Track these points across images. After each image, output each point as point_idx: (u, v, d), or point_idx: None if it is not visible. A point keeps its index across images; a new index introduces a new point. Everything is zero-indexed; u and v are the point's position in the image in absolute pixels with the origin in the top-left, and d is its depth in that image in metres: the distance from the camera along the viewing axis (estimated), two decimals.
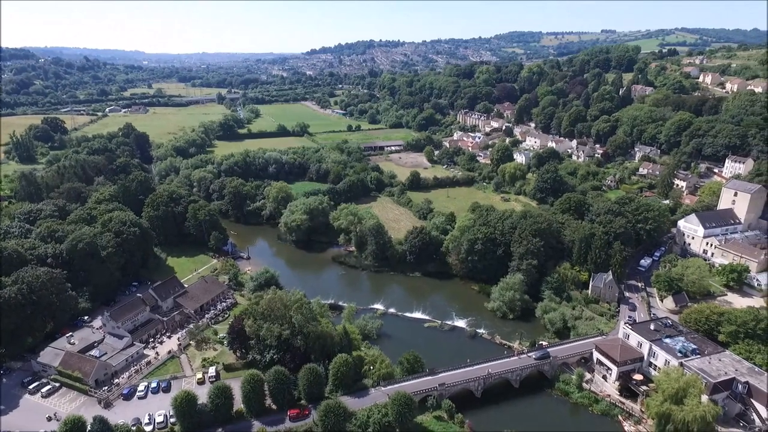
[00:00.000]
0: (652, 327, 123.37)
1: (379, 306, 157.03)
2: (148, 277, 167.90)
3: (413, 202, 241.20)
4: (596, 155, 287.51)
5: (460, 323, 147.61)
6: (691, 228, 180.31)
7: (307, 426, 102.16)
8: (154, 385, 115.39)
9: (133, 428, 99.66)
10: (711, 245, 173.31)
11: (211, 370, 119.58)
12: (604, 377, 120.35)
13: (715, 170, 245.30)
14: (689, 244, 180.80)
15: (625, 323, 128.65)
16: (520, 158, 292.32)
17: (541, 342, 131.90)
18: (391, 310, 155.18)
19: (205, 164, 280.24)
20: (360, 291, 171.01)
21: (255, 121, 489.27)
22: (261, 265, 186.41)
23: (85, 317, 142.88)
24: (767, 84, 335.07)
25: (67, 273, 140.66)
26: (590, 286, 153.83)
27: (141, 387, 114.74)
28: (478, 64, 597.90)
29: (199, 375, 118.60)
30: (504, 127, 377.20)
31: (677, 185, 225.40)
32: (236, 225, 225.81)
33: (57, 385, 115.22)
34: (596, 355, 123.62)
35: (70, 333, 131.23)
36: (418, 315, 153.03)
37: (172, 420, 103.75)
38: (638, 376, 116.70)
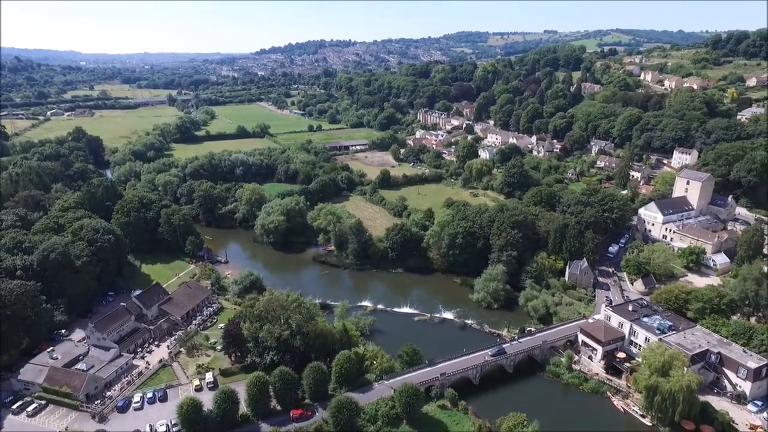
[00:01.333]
0: (630, 308, 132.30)
1: (367, 303, 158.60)
2: (124, 285, 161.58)
3: (386, 200, 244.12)
4: (555, 150, 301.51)
5: (448, 315, 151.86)
6: (650, 215, 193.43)
7: (317, 424, 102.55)
8: (150, 395, 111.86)
9: None
10: (670, 230, 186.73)
11: (209, 376, 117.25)
12: (590, 357, 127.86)
13: (665, 161, 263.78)
14: (650, 231, 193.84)
15: (606, 306, 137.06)
16: (484, 154, 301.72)
17: (529, 329, 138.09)
18: (380, 307, 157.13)
19: (169, 168, 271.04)
20: (345, 289, 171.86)
21: (211, 122, 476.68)
22: (240, 269, 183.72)
23: (63, 331, 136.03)
24: (702, 82, 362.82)
25: (40, 285, 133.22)
26: (567, 273, 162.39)
27: (136, 398, 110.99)
28: (433, 64, 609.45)
29: (197, 382, 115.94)
30: (464, 125, 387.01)
31: (633, 176, 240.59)
32: (208, 229, 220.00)
33: (43, 402, 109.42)
34: (581, 337, 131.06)
35: (51, 348, 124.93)
36: (406, 310, 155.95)
37: (176, 429, 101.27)
38: (621, 354, 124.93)
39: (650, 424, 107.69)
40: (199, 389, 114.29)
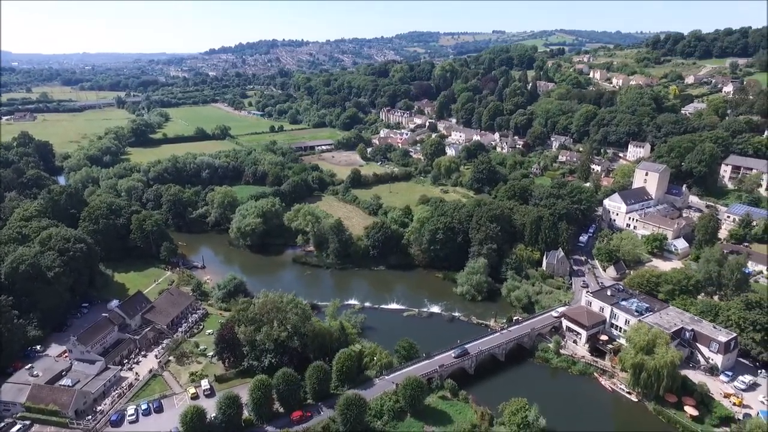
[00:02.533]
0: (609, 293, 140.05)
1: (354, 302, 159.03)
2: (99, 296, 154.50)
3: (360, 199, 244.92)
4: (518, 146, 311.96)
5: (436, 309, 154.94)
6: (615, 205, 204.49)
7: (324, 423, 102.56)
8: (144, 407, 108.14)
9: None
10: (633, 219, 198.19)
11: (204, 384, 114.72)
12: (575, 341, 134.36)
13: (620, 155, 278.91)
14: (614, 220, 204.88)
15: (587, 292, 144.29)
16: (450, 152, 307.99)
17: (517, 318, 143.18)
18: (367, 304, 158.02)
19: (130, 172, 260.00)
20: (329, 289, 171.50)
21: (166, 125, 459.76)
22: (218, 274, 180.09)
23: (38, 347, 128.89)
24: (646, 79, 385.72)
25: (11, 300, 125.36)
26: (544, 263, 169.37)
27: (130, 411, 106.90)
28: (391, 63, 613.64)
29: (192, 390, 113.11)
30: (427, 124, 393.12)
31: (594, 170, 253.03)
32: (179, 234, 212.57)
33: (28, 422, 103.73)
34: (565, 322, 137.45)
35: (29, 365, 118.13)
36: (394, 306, 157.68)
37: None
38: (604, 337, 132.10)
39: (636, 400, 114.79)
40: (195, 397, 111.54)
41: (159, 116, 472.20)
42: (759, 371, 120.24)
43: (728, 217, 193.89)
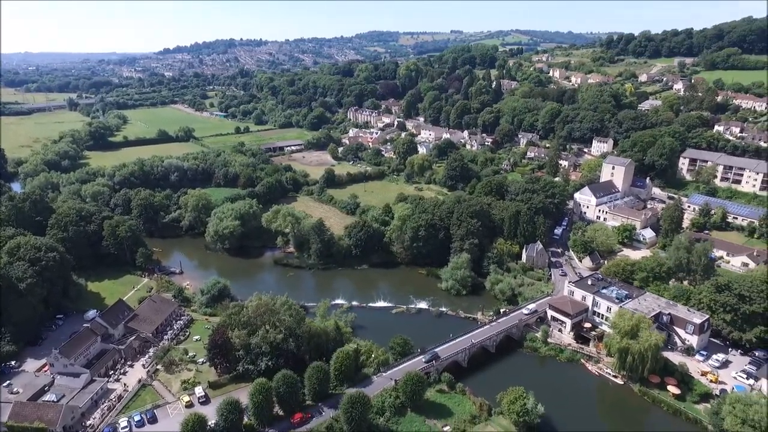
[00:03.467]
0: (589, 282, 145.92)
1: (341, 301, 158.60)
2: (74, 307, 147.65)
3: (336, 199, 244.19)
4: (487, 143, 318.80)
5: (423, 305, 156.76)
6: (585, 199, 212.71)
7: (327, 423, 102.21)
8: (137, 418, 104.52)
9: None
10: (603, 211, 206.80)
11: (198, 391, 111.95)
12: (560, 330, 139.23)
13: (585, 150, 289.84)
14: (585, 213, 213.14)
15: (569, 282, 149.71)
16: (421, 150, 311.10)
17: (504, 310, 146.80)
18: (355, 303, 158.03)
19: (94, 177, 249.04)
20: (314, 289, 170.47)
21: (124, 127, 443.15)
22: (197, 279, 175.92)
23: (12, 362, 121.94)
24: (602, 78, 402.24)
25: None
26: (524, 256, 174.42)
27: (123, 423, 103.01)
28: (356, 63, 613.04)
29: (186, 398, 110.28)
30: (396, 123, 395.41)
31: (562, 165, 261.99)
32: (151, 240, 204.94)
33: None
34: (550, 312, 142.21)
35: (7, 382, 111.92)
36: (381, 304, 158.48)
37: None
38: (587, 324, 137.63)
39: (622, 383, 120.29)
40: (189, 405, 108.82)
41: (117, 119, 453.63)
42: (729, 350, 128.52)
43: (689, 206, 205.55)
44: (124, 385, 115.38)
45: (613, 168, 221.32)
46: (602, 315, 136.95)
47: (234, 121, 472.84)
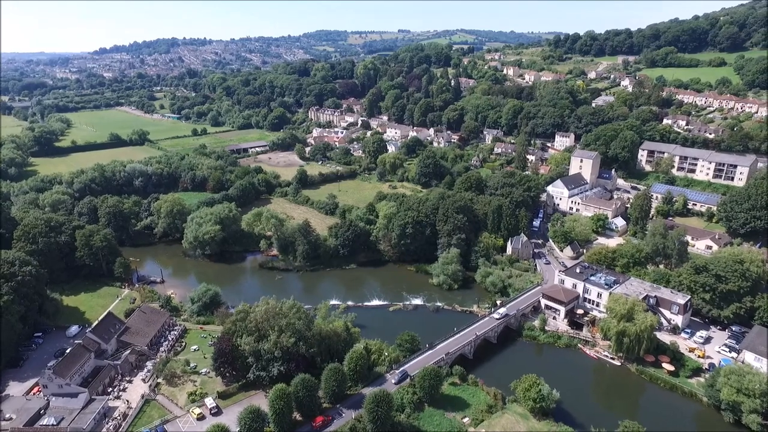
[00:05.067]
0: (578, 270, 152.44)
1: (336, 301, 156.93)
2: (52, 324, 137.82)
3: (311, 199, 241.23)
4: (453, 140, 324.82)
5: (418, 301, 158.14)
6: (558, 191, 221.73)
7: (350, 424, 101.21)
8: None
9: None
10: (576, 203, 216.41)
11: (209, 402, 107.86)
12: (554, 318, 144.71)
13: (549, 145, 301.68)
14: (558, 204, 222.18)
15: (559, 271, 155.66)
16: (391, 148, 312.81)
17: (500, 302, 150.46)
18: (350, 303, 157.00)
19: (51, 185, 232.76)
20: (304, 292, 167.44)
21: (69, 132, 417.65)
22: (180, 287, 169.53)
23: None
24: (554, 75, 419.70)
25: None
26: (509, 248, 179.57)
27: None
28: (311, 62, 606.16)
29: (197, 410, 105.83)
30: (360, 121, 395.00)
31: (530, 159, 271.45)
32: (123, 249, 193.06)
33: None
34: (543, 301, 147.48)
35: None
36: (376, 302, 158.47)
37: None
38: (580, 311, 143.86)
39: (619, 364, 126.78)
40: (201, 418, 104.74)
41: (59, 122, 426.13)
42: (709, 327, 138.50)
43: (653, 195, 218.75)
44: (127, 401, 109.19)
45: (582, 161, 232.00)
46: (593, 301, 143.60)
47: (189, 123, 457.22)
